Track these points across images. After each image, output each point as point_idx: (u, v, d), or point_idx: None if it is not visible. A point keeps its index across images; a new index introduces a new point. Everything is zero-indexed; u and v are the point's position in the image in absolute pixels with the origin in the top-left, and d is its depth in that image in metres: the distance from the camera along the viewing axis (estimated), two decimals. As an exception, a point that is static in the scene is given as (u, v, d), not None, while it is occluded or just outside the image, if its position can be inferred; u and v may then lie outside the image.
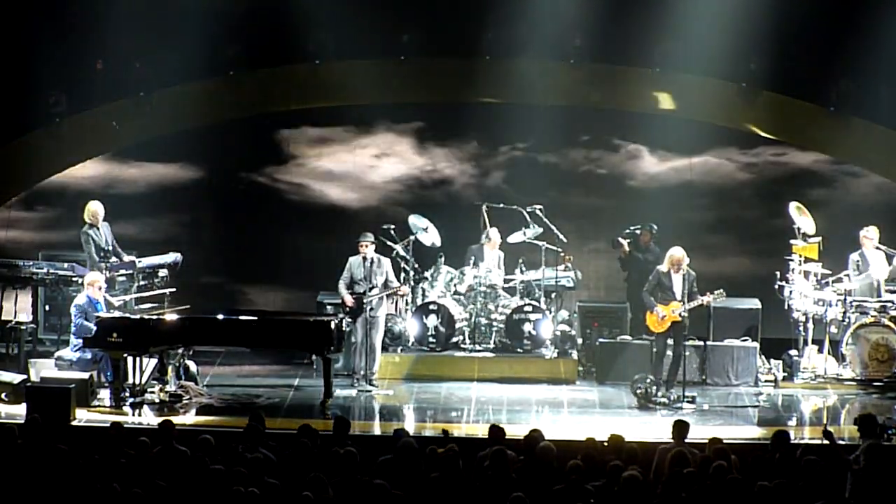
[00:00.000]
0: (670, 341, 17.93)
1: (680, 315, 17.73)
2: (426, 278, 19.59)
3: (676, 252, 17.86)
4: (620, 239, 20.21)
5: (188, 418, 16.56)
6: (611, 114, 21.80)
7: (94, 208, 18.73)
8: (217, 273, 21.77)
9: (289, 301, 21.57)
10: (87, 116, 21.33)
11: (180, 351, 17.79)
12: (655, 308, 17.77)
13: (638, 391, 17.63)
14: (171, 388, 17.48)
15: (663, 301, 17.80)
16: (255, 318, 17.28)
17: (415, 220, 19.73)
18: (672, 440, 13.39)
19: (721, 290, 17.81)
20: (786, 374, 19.05)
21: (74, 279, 18.61)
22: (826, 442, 13.34)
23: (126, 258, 18.70)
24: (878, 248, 19.00)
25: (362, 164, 21.97)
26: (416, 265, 19.57)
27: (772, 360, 19.25)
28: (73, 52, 20.75)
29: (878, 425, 13.70)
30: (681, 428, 13.47)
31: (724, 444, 12.94)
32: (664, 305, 17.77)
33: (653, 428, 16.07)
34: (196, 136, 21.59)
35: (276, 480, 11.67)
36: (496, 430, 13.23)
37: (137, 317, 17.17)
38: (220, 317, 17.20)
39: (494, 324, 19.48)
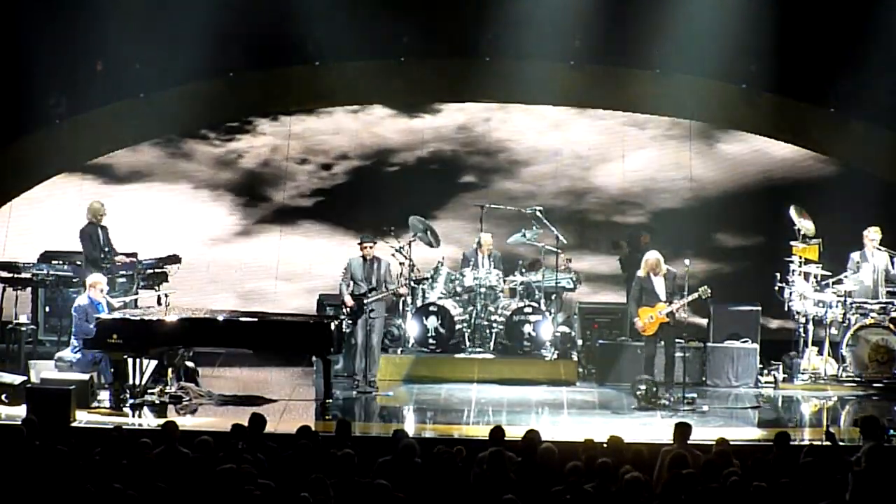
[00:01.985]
0: (661, 343, 17.96)
1: (667, 315, 17.76)
2: (426, 279, 19.59)
3: (651, 256, 17.95)
4: (620, 240, 20.23)
5: (188, 420, 16.55)
6: (611, 115, 21.82)
7: (98, 207, 18.77)
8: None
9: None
10: (87, 117, 21.32)
11: (180, 352, 17.80)
12: (635, 318, 17.84)
13: (638, 392, 17.64)
14: (171, 389, 17.48)
15: (648, 304, 17.83)
16: (255, 319, 17.27)
17: (415, 222, 19.72)
18: (674, 442, 13.39)
19: (706, 287, 17.85)
20: (786, 376, 19.05)
21: (75, 280, 18.61)
22: (828, 443, 13.35)
23: (124, 260, 18.71)
24: (878, 248, 19.01)
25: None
26: (416, 266, 19.56)
27: (772, 362, 19.28)
28: (73, 53, 20.73)
29: (880, 427, 13.70)
30: (683, 430, 13.47)
31: (729, 444, 12.95)
32: (650, 307, 17.79)
33: (653, 429, 16.08)
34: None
35: (267, 481, 11.68)
36: (497, 432, 13.22)
37: (137, 318, 17.16)
38: (220, 318, 17.19)
39: (494, 325, 19.48)
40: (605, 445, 12.99)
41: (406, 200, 20.85)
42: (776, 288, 19.06)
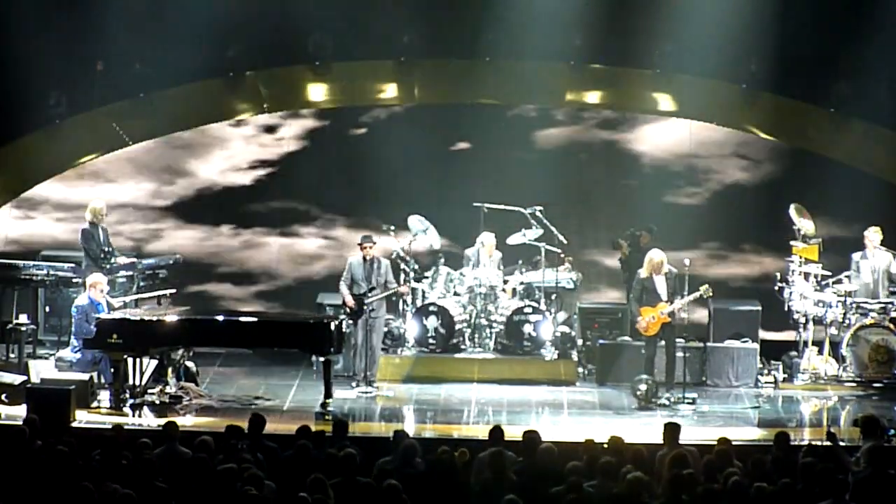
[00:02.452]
0: (661, 343, 17.96)
1: (669, 315, 17.75)
2: (426, 278, 19.58)
3: (656, 256, 17.95)
4: (620, 240, 20.22)
5: (188, 419, 16.56)
6: (611, 115, 21.81)
7: (99, 207, 18.76)
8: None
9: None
10: (87, 117, 21.31)
11: (180, 352, 17.80)
12: (638, 318, 17.82)
13: (638, 392, 17.64)
14: (171, 389, 17.48)
15: (650, 304, 17.82)
16: (255, 318, 17.27)
17: (415, 222, 19.71)
18: (664, 443, 13.36)
19: (707, 286, 17.85)
20: (785, 376, 19.06)
21: (75, 280, 18.60)
22: (829, 443, 13.34)
23: (125, 260, 18.71)
24: (877, 248, 19.01)
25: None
26: (416, 266, 19.56)
27: (772, 362, 19.28)
28: (73, 53, 20.72)
29: (880, 427, 13.69)
30: (672, 430, 13.45)
31: (730, 444, 12.94)
32: (651, 308, 17.79)
33: (653, 429, 16.05)
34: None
35: (269, 483, 11.68)
36: (496, 432, 13.21)
37: (137, 318, 17.17)
38: (220, 318, 17.20)
39: (494, 325, 19.47)
40: (605, 446, 12.98)
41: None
42: (776, 288, 19.07)
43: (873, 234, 19.08)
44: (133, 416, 16.67)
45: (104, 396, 17.04)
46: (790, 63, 21.02)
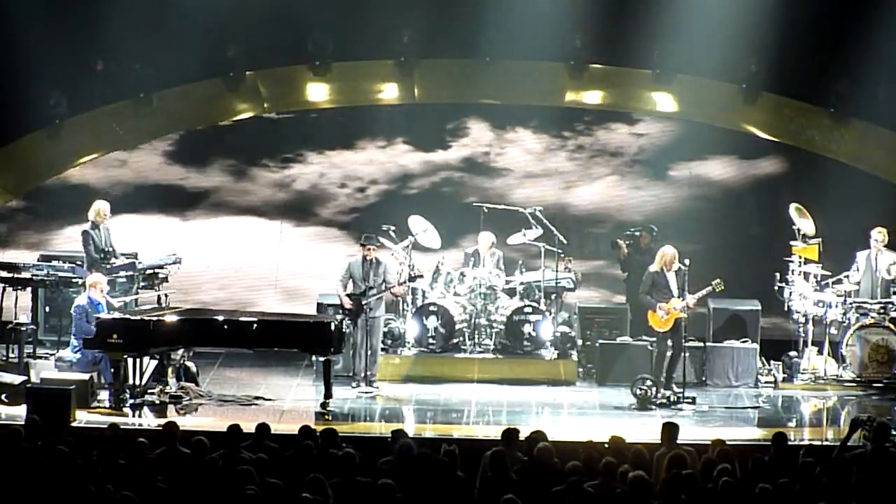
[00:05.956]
0: (670, 341, 17.95)
1: (682, 311, 17.76)
2: (420, 276, 19.53)
3: (669, 250, 17.91)
4: (619, 240, 20.20)
5: (188, 419, 16.56)
6: (611, 115, 21.81)
7: (101, 207, 18.73)
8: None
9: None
10: (87, 117, 21.32)
11: (180, 352, 17.80)
12: (658, 307, 17.77)
13: (638, 392, 17.65)
14: (171, 389, 17.49)
15: (660, 300, 17.82)
16: (255, 319, 17.27)
17: (415, 222, 19.71)
18: (661, 443, 13.35)
19: (718, 280, 17.85)
20: (785, 376, 19.06)
21: (74, 280, 18.59)
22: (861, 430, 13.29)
23: (124, 260, 18.71)
24: (880, 251, 18.99)
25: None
26: (416, 266, 19.54)
27: (772, 362, 19.29)
28: (73, 53, 20.75)
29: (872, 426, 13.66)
30: (670, 430, 13.44)
31: (727, 446, 12.93)
32: (665, 303, 17.79)
33: (653, 429, 16.05)
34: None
35: (272, 481, 11.67)
36: (509, 433, 13.13)
37: (137, 318, 17.16)
38: (220, 318, 17.20)
39: (494, 325, 19.47)
40: (606, 446, 12.98)
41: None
42: (776, 288, 19.07)
43: (876, 234, 19.06)
44: (133, 416, 16.68)
45: (104, 396, 17.05)
46: (790, 63, 21.05)
